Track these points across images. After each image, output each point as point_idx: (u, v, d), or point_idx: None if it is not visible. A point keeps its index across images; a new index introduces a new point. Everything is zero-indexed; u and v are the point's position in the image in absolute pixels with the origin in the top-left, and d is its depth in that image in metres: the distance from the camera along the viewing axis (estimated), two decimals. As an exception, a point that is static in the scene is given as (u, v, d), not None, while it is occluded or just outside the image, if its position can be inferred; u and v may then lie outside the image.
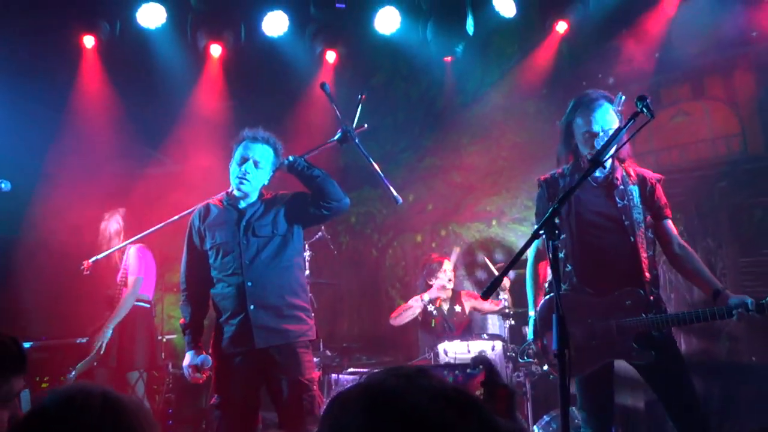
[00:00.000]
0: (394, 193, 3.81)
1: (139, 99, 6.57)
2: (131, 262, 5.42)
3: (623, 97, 3.16)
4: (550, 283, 3.41)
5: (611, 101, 3.36)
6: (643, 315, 3.22)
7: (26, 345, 5.23)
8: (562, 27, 6.14)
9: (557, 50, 6.29)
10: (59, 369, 5.39)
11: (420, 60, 6.71)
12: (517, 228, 6.47)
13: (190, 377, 3.65)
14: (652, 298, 3.30)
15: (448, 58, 6.61)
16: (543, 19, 6.23)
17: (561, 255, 3.36)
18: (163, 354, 6.04)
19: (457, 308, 5.75)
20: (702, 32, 5.48)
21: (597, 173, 3.37)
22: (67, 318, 5.88)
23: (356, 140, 3.75)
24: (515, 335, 5.36)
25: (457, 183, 6.89)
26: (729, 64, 5.42)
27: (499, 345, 4.98)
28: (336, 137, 3.79)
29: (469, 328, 5.82)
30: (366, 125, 3.80)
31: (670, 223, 3.46)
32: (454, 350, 4.95)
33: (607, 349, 3.23)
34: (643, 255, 3.31)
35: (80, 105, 6.53)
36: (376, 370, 3.82)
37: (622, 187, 3.38)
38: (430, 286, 5.80)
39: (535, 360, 3.49)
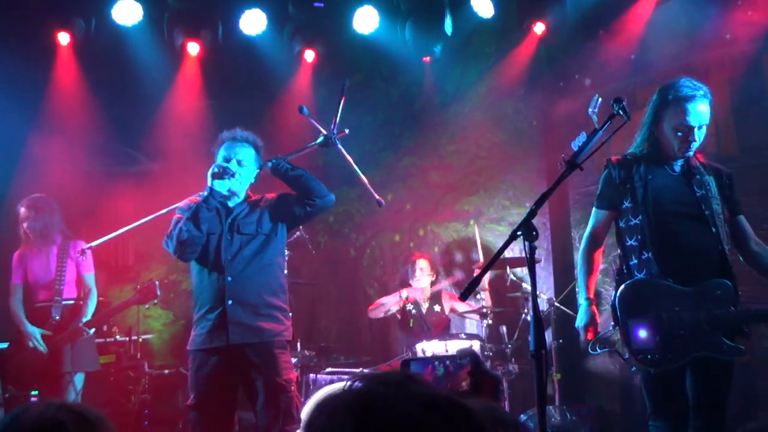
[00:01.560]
0: (377, 196, 3.84)
1: (116, 97, 6.51)
2: (82, 258, 5.05)
3: (599, 99, 3.16)
4: (620, 272, 3.30)
5: (707, 95, 3.22)
6: (732, 308, 3.08)
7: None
8: (539, 28, 6.18)
9: (535, 51, 6.33)
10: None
11: (399, 60, 6.72)
12: (494, 228, 6.50)
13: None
14: (739, 293, 3.16)
15: (427, 58, 6.63)
16: (521, 20, 6.27)
17: (633, 242, 3.23)
18: (139, 354, 5.99)
19: (437, 308, 5.78)
20: (677, 34, 5.54)
21: (675, 162, 3.25)
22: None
23: (338, 145, 3.76)
24: (492, 335, 5.40)
25: (436, 182, 6.91)
26: (704, 66, 5.49)
27: (476, 344, 5.01)
28: (318, 141, 3.80)
29: (447, 327, 5.85)
30: (347, 130, 3.80)
31: (744, 219, 3.34)
32: (432, 350, 4.97)
33: (695, 341, 3.04)
34: (726, 248, 3.18)
35: (55, 103, 6.45)
36: (362, 371, 3.84)
37: (699, 177, 3.24)
38: (408, 285, 5.85)
39: (615, 349, 3.16)
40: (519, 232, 2.43)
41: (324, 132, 3.76)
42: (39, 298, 5.01)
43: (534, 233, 2.42)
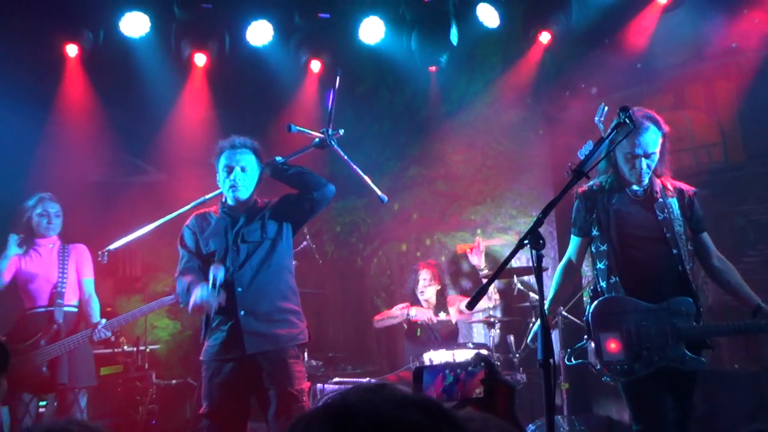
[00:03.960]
0: (378, 191, 3.84)
1: (123, 108, 6.54)
2: (84, 259, 4.93)
3: (606, 108, 3.18)
4: (595, 290, 3.49)
5: (657, 123, 3.39)
6: (694, 323, 3.30)
7: None
8: (545, 37, 6.18)
9: (541, 60, 6.34)
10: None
11: (404, 70, 6.74)
12: (502, 236, 6.49)
13: (203, 301, 3.45)
14: (701, 308, 3.37)
15: (433, 68, 6.64)
16: (526, 29, 6.27)
17: (602, 266, 3.45)
18: (146, 364, 5.99)
19: (443, 315, 5.76)
20: (683, 43, 5.55)
21: (635, 187, 3.43)
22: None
23: (335, 145, 3.77)
24: (500, 344, 5.38)
25: (442, 192, 6.91)
26: (710, 74, 5.49)
27: (484, 353, 4.99)
28: (314, 143, 3.81)
29: (454, 336, 5.83)
30: (342, 131, 3.81)
31: (707, 236, 3.54)
32: (439, 359, 4.95)
33: (661, 353, 3.26)
34: (687, 267, 3.37)
35: (64, 115, 6.49)
36: (369, 381, 3.82)
37: (661, 200, 3.43)
38: (414, 295, 5.84)
39: (587, 361, 3.41)
40: (526, 241, 2.42)
41: (319, 134, 3.78)
42: (37, 303, 4.74)
43: (541, 241, 2.41)
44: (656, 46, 5.70)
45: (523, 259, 6.00)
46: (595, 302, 3.39)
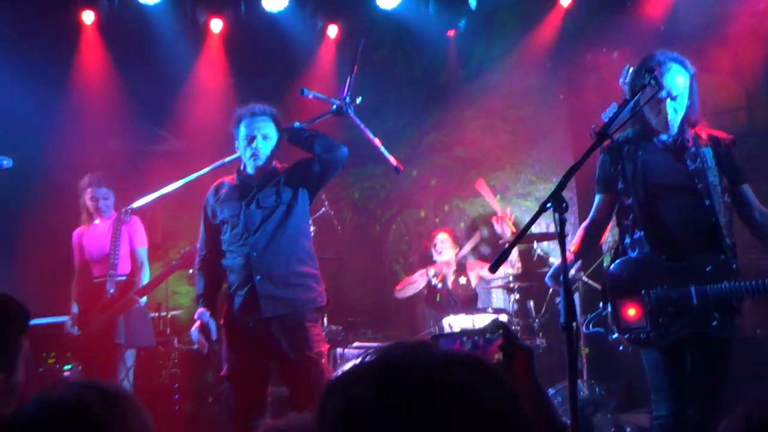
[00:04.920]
0: (394, 163, 3.81)
1: (140, 75, 6.52)
2: (136, 230, 5.18)
3: (631, 69, 3.10)
4: (616, 250, 3.27)
5: (683, 64, 3.11)
6: (725, 283, 2.94)
7: (32, 321, 5.23)
8: (566, 1, 6.07)
9: (561, 23, 6.24)
10: (63, 345, 5.39)
11: (422, 35, 6.66)
12: (521, 203, 6.46)
13: (197, 341, 3.65)
14: (734, 266, 3.03)
15: (451, 33, 6.56)
16: (547, -9, 6.17)
17: (627, 222, 3.19)
18: (168, 330, 6.07)
19: (462, 280, 5.76)
20: (709, 4, 5.42)
21: (663, 136, 3.15)
22: (69, 295, 5.90)
23: (351, 113, 3.74)
24: (520, 309, 5.38)
25: (461, 158, 6.86)
26: (736, 36, 5.37)
27: (504, 319, 5.00)
28: (331, 110, 3.79)
29: (473, 301, 5.84)
30: (360, 98, 3.78)
31: (748, 188, 3.19)
32: (459, 324, 4.97)
33: (684, 319, 2.97)
34: (721, 219, 3.05)
35: (81, 82, 6.49)
36: (379, 345, 3.82)
37: (693, 149, 3.12)
38: (431, 260, 5.86)
39: (604, 328, 3.13)
40: (549, 205, 2.40)
41: (337, 101, 3.75)
42: (96, 274, 5.09)
43: (564, 205, 2.39)
44: (680, 8, 5.58)
45: (542, 225, 5.96)
46: (612, 265, 3.17)
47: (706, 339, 3.00)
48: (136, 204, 4.42)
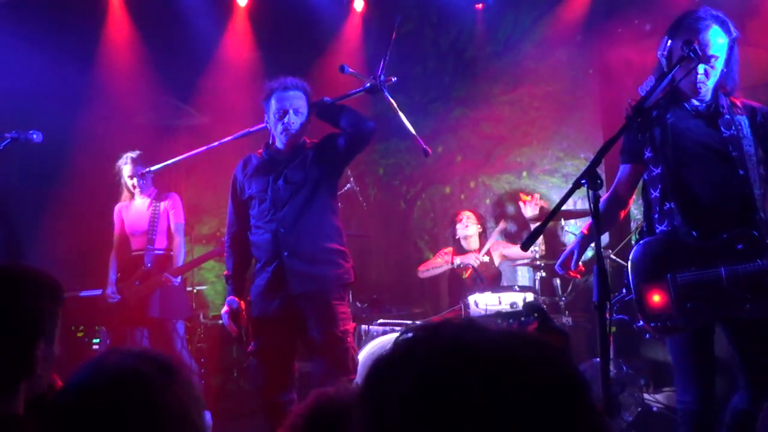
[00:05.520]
0: (424, 145, 3.73)
1: (166, 50, 6.52)
2: (175, 206, 5.36)
3: (669, 41, 2.97)
4: (641, 231, 3.05)
5: (724, 25, 2.87)
6: (759, 261, 2.72)
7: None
8: (597, -29, 5.94)
9: (592, -5, 6.10)
10: (92, 319, 5.49)
11: (450, 7, 6.56)
12: (548, 179, 6.37)
13: (227, 326, 3.68)
14: None
15: (479, 6, 6.45)
16: (578, -38, 6.03)
17: (656, 193, 2.95)
18: (194, 304, 6.12)
19: (485, 258, 5.72)
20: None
21: (695, 102, 2.91)
22: (99, 270, 5.96)
23: (385, 91, 3.68)
24: (546, 287, 5.33)
25: (487, 134, 6.78)
26: (774, 6, 5.21)
27: (530, 297, 4.95)
28: (365, 87, 3.73)
29: (498, 279, 5.80)
30: (394, 78, 3.71)
31: None
32: (485, 302, 4.93)
33: (715, 302, 2.76)
34: (756, 192, 2.82)
35: (108, 57, 6.50)
36: (414, 323, 3.79)
37: (728, 116, 2.88)
38: (457, 240, 5.81)
39: (628, 316, 2.94)
40: (583, 181, 2.35)
41: (371, 79, 3.69)
42: (134, 247, 5.30)
43: (599, 181, 2.33)
44: (716, -21, 5.41)
45: (569, 203, 5.88)
46: (636, 247, 2.93)
47: (740, 323, 2.80)
48: (154, 167, 4.52)
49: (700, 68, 2.82)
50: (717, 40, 2.84)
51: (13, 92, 5.54)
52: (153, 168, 4.58)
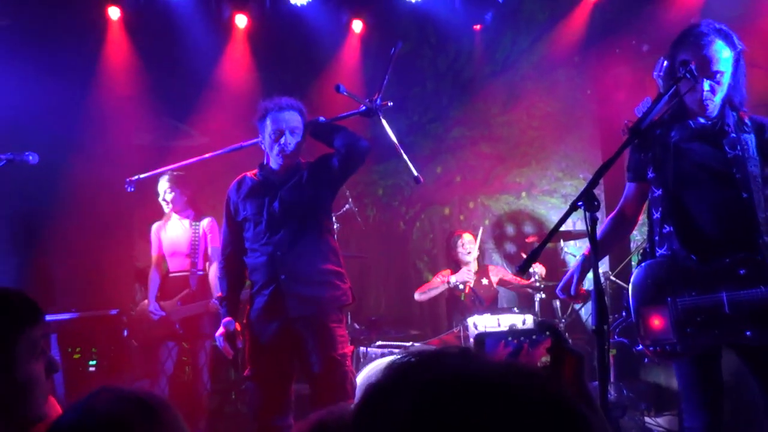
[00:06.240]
0: (414, 172, 3.69)
1: (165, 71, 6.53)
2: (211, 232, 5.44)
3: (665, 62, 2.95)
4: (644, 252, 2.97)
5: (728, 38, 2.79)
6: (762, 288, 2.62)
7: (58, 317, 5.29)
8: (595, -8, 5.96)
9: (589, 16, 6.12)
10: (90, 341, 5.47)
11: (448, 28, 6.58)
12: (547, 200, 6.36)
13: (222, 348, 3.64)
14: None
15: (477, 27, 6.47)
16: (575, -16, 6.06)
17: (657, 215, 2.87)
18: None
19: (484, 281, 5.69)
20: (743, -4, 5.28)
21: (701, 119, 2.82)
22: (96, 290, 5.93)
23: (381, 115, 3.66)
24: (546, 309, 5.29)
25: (486, 154, 6.78)
26: (770, 28, 5.21)
27: (530, 319, 4.92)
28: (360, 109, 3.71)
29: (495, 301, 5.76)
30: (391, 102, 3.70)
31: None
32: (484, 324, 4.89)
33: (716, 328, 2.68)
34: (760, 215, 2.71)
35: (106, 77, 6.51)
36: (413, 344, 3.72)
37: (734, 135, 2.78)
38: (455, 261, 5.75)
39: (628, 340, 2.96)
40: (580, 203, 2.32)
41: (367, 102, 3.67)
42: (172, 268, 5.37)
43: (596, 203, 2.31)
44: (713, 0, 5.43)
45: (568, 223, 5.86)
46: (636, 271, 2.89)
47: (747, 349, 2.72)
48: (144, 175, 4.49)
49: (706, 84, 2.74)
50: (722, 55, 2.77)
51: (11, 113, 5.54)
52: (142, 176, 4.56)
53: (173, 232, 5.39)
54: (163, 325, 5.22)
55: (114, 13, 6.24)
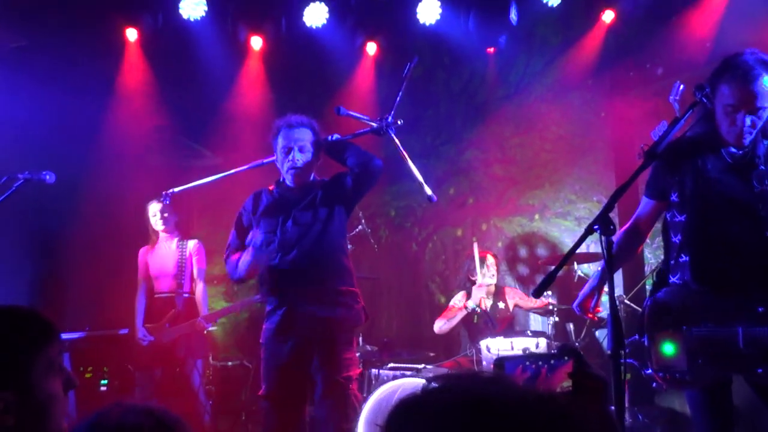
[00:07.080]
0: (428, 191, 3.70)
1: (181, 92, 6.60)
2: (197, 254, 5.54)
3: (681, 86, 2.96)
4: (659, 272, 2.94)
5: None
6: None
7: (70, 336, 5.30)
8: (608, 16, 5.97)
9: (603, 40, 6.12)
10: (102, 360, 5.48)
11: (462, 51, 6.60)
12: (560, 222, 6.34)
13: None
14: None
15: (491, 49, 6.49)
16: (589, 7, 6.07)
17: (675, 240, 2.83)
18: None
19: (501, 305, 5.64)
20: (758, 18, 5.27)
21: (733, 149, 2.74)
22: (110, 309, 5.94)
23: (392, 133, 3.67)
24: (559, 332, 5.25)
25: (499, 176, 6.77)
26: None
27: (543, 342, 4.87)
28: (372, 128, 3.73)
29: (511, 324, 5.72)
30: (401, 121, 3.71)
31: None
32: (497, 347, 4.85)
33: (727, 362, 2.64)
34: None
35: (123, 98, 6.58)
36: (425, 367, 3.68)
37: (763, 168, 2.70)
38: (472, 282, 5.69)
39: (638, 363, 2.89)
40: (596, 227, 2.32)
41: (377, 120, 3.69)
42: (158, 290, 5.45)
43: (611, 227, 2.31)
44: (728, 23, 5.43)
45: (582, 246, 5.82)
46: (657, 293, 2.85)
47: (761, 385, 2.70)
48: (177, 189, 4.42)
49: (748, 120, 2.67)
50: (764, 88, 2.66)
51: (28, 132, 5.61)
52: (175, 190, 4.56)
53: (160, 253, 5.48)
54: (153, 349, 5.26)
55: (132, 34, 6.33)
